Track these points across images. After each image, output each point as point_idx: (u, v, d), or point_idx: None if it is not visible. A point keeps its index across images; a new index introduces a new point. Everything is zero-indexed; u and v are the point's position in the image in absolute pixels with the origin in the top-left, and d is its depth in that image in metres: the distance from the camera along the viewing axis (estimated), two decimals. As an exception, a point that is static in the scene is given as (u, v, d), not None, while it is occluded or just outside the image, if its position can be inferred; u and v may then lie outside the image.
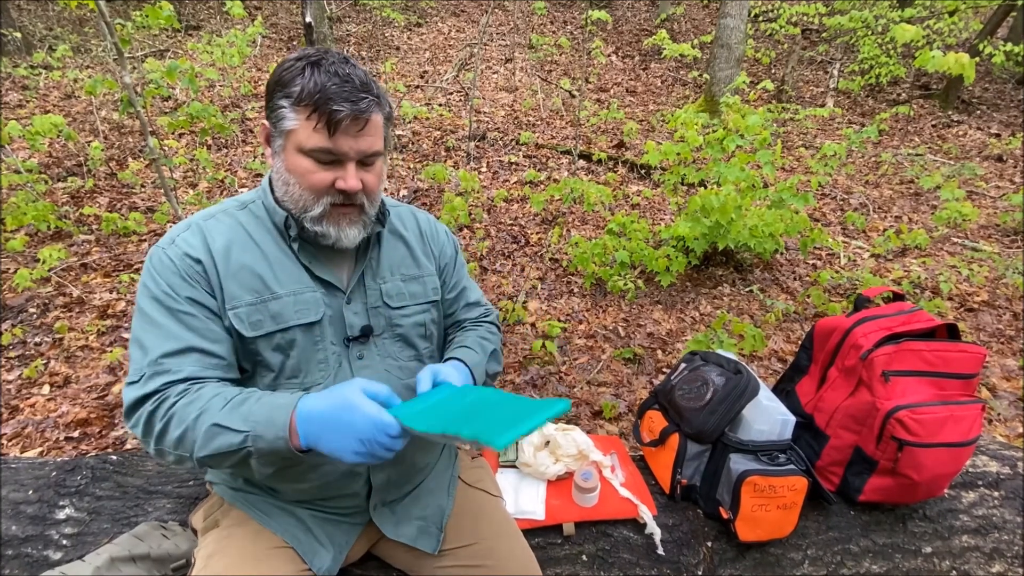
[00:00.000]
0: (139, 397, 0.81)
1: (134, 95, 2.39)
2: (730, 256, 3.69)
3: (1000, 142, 6.17)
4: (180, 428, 0.78)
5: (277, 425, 0.76)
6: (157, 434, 0.80)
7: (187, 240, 0.88)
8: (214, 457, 0.78)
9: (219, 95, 5.72)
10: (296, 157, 0.85)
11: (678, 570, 1.17)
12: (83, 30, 7.19)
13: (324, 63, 0.83)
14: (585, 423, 2.39)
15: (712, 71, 6.13)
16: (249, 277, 0.89)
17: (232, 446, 0.77)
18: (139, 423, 0.81)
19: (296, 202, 0.88)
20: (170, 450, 0.80)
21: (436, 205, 4.21)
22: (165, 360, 0.83)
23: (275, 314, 0.88)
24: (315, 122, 0.82)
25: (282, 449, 0.76)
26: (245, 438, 0.76)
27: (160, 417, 0.80)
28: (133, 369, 0.84)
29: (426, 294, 1.04)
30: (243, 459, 0.78)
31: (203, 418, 0.78)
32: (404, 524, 1.00)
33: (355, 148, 0.85)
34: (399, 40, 8.25)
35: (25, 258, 3.27)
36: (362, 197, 0.89)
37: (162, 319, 0.84)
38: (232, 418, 0.77)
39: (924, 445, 1.15)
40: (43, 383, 2.46)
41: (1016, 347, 2.98)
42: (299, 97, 0.82)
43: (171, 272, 0.85)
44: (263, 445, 0.76)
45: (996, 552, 1.28)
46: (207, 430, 0.77)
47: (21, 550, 1.07)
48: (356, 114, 0.82)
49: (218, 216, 0.93)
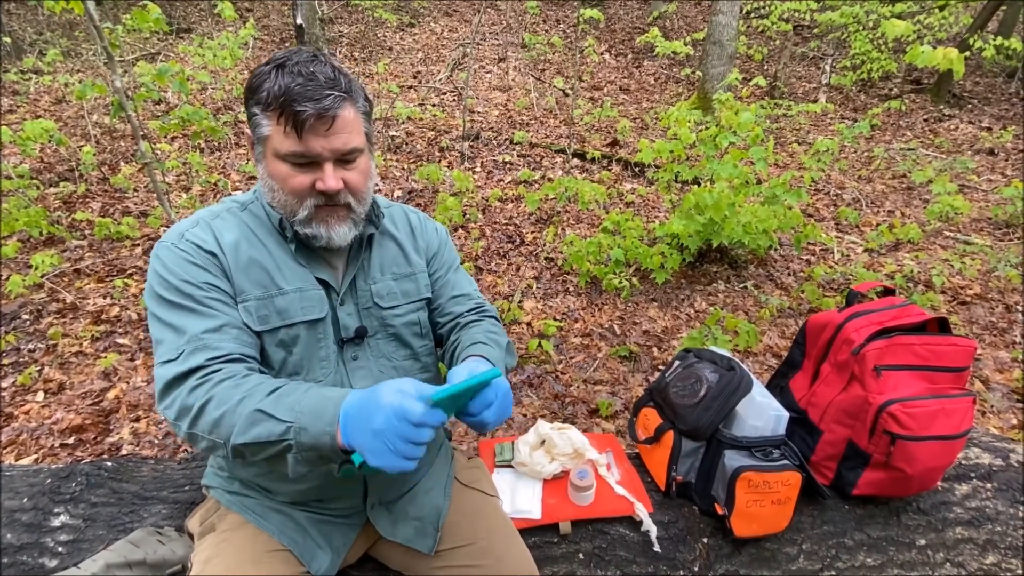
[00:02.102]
0: (180, 373, 0.78)
1: (125, 99, 2.38)
2: (724, 253, 3.70)
3: (991, 135, 6.20)
4: (220, 410, 0.74)
5: (324, 418, 0.71)
6: (194, 415, 0.75)
7: (197, 235, 0.88)
8: (252, 446, 0.73)
9: (211, 98, 5.69)
10: (274, 163, 0.85)
11: (674, 567, 1.18)
12: (73, 34, 7.15)
13: (289, 64, 0.81)
14: (581, 421, 2.40)
15: (705, 68, 6.14)
16: (258, 272, 0.89)
17: (273, 435, 0.72)
18: (175, 403, 0.77)
19: (283, 207, 0.88)
20: (204, 434, 0.75)
21: (430, 206, 4.21)
22: (206, 336, 0.81)
23: (281, 310, 0.89)
24: (284, 125, 0.81)
25: (326, 446, 0.70)
26: (288, 429, 0.71)
27: (201, 395, 0.76)
28: (167, 349, 0.81)
29: (419, 291, 1.04)
30: (281, 452, 0.73)
31: (246, 403, 0.74)
32: (401, 524, 1.01)
33: (328, 148, 0.83)
34: (392, 41, 8.24)
35: (18, 264, 3.25)
36: (347, 196, 0.88)
37: (190, 303, 0.83)
38: (277, 406, 0.73)
39: (916, 438, 1.16)
40: (37, 390, 2.44)
41: (1008, 339, 3.00)
42: (267, 102, 0.81)
43: (187, 262, 0.85)
44: (306, 439, 0.71)
45: (989, 543, 1.29)
46: (249, 415, 0.73)
47: (17, 558, 1.07)
48: (321, 112, 0.80)
49: (223, 215, 0.93)
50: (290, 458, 0.73)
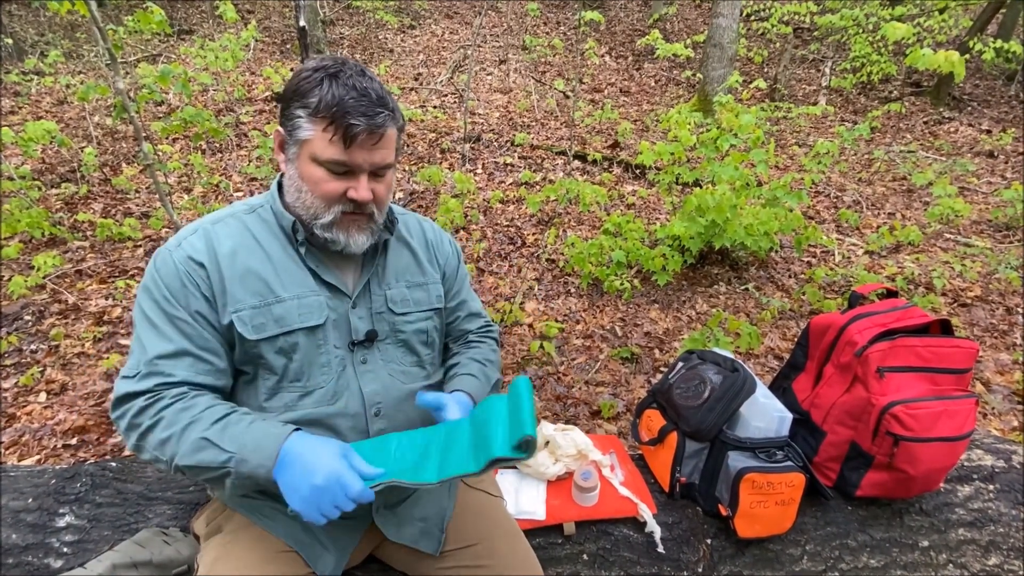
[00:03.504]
0: (132, 392, 0.83)
1: (127, 100, 2.38)
2: (726, 255, 3.71)
3: (991, 138, 6.21)
4: (167, 431, 0.80)
5: (263, 453, 0.78)
6: (142, 431, 0.81)
7: (192, 244, 0.89)
8: (193, 469, 0.80)
9: (213, 99, 5.70)
10: (310, 166, 0.87)
11: (678, 567, 1.18)
12: (75, 35, 7.16)
13: (342, 75, 0.84)
14: (584, 423, 2.40)
15: (705, 70, 6.16)
16: (254, 281, 0.90)
17: (215, 463, 0.78)
18: (125, 416, 0.83)
19: (308, 209, 0.90)
20: (150, 450, 0.81)
21: (432, 207, 4.22)
22: (160, 361, 0.84)
23: (278, 317, 0.89)
24: (331, 134, 0.83)
25: (261, 477, 0.78)
26: (229, 459, 0.78)
27: (150, 415, 0.81)
28: (131, 363, 0.86)
29: (430, 301, 1.05)
30: (220, 477, 0.79)
31: (192, 428, 0.80)
32: (406, 526, 1.01)
33: (369, 161, 0.87)
34: (393, 42, 8.25)
35: (20, 265, 3.26)
36: (372, 206, 0.91)
37: (159, 321, 0.86)
38: (222, 436, 0.79)
39: (919, 440, 1.16)
40: (40, 391, 2.45)
41: (1009, 341, 3.00)
42: (316, 108, 0.83)
43: (172, 276, 0.87)
44: (245, 469, 0.78)
45: (992, 545, 1.30)
46: (194, 441, 0.79)
47: (22, 558, 1.07)
48: (372, 128, 0.83)
49: (226, 220, 0.94)
50: (228, 482, 0.80)
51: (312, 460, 0.77)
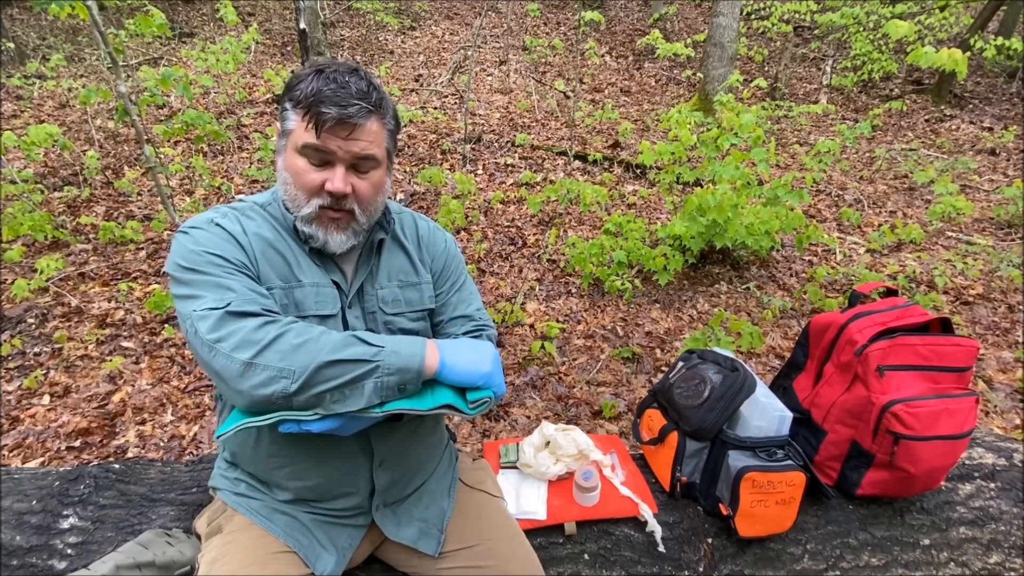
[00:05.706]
0: (240, 311, 0.79)
1: (129, 104, 2.39)
2: (727, 254, 3.71)
3: (993, 136, 6.20)
4: (302, 337, 0.78)
5: (416, 345, 0.84)
6: (264, 345, 0.76)
7: (226, 223, 0.90)
8: (338, 365, 0.77)
9: (214, 102, 5.72)
10: (292, 156, 0.89)
11: (679, 567, 1.18)
12: (76, 39, 7.18)
13: (328, 71, 0.87)
14: (585, 423, 2.40)
15: (706, 70, 6.15)
16: (280, 263, 0.92)
17: (365, 355, 0.79)
18: (235, 334, 0.77)
19: (292, 201, 0.92)
20: (270, 363, 0.76)
21: (432, 208, 4.22)
22: (255, 295, 0.84)
23: (298, 301, 0.92)
24: (307, 122, 0.86)
25: (414, 368, 0.81)
26: (379, 351, 0.80)
27: (277, 327, 0.78)
28: (212, 299, 0.80)
29: (422, 302, 1.05)
30: (361, 376, 0.78)
31: (330, 335, 0.80)
32: (405, 526, 1.01)
33: (345, 149, 0.87)
34: (393, 44, 8.27)
35: (23, 268, 3.27)
36: (352, 203, 0.91)
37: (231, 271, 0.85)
38: (368, 336, 0.82)
39: (920, 438, 1.16)
40: (43, 393, 2.46)
41: (1011, 339, 3.00)
42: (298, 99, 0.86)
43: (222, 240, 0.88)
44: (396, 360, 0.80)
45: (993, 543, 1.29)
46: (343, 338, 0.80)
47: (26, 560, 1.07)
48: (343, 117, 0.85)
49: (246, 211, 0.96)
50: (369, 384, 0.79)
51: (484, 353, 0.90)
